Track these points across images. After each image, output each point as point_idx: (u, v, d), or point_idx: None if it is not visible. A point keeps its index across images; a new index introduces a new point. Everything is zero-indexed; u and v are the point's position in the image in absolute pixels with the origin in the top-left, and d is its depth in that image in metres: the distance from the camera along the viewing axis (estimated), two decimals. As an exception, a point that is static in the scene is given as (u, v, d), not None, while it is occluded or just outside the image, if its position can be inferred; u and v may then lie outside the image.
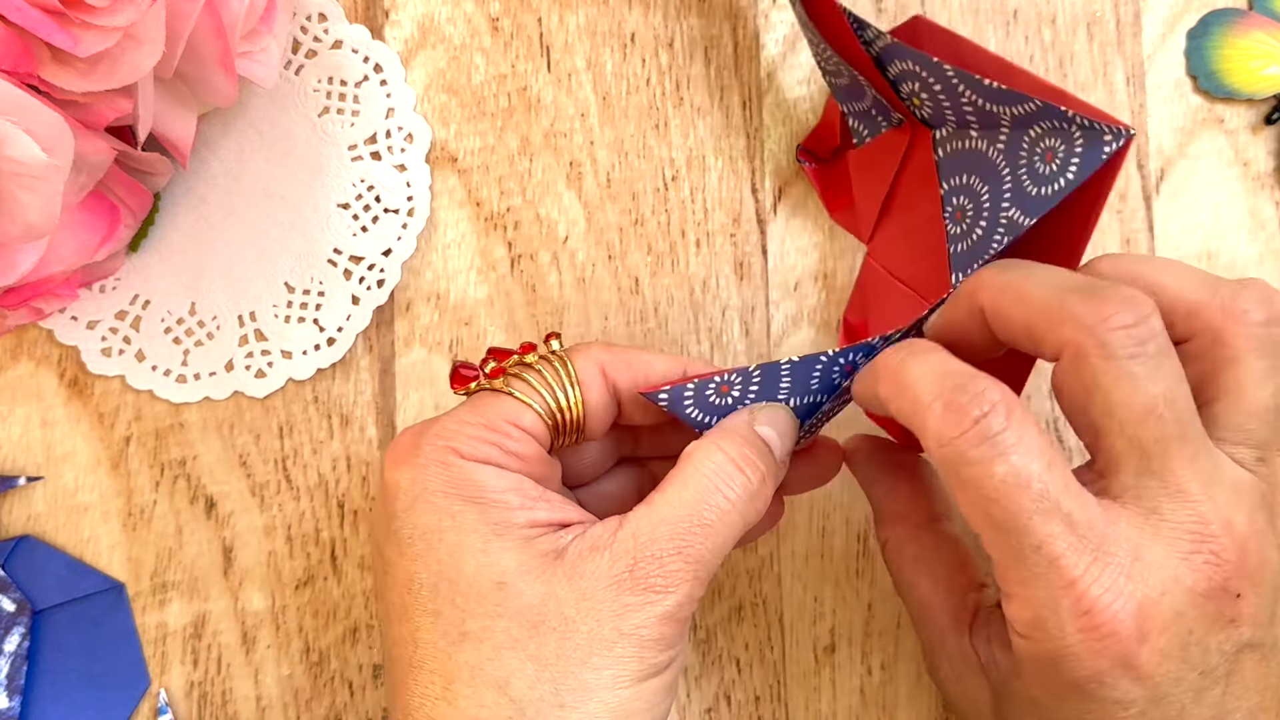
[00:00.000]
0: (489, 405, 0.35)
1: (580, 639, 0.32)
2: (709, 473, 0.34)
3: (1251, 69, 0.48)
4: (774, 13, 0.48)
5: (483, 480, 0.34)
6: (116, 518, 0.46)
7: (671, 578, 0.32)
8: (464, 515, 0.33)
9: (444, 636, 0.33)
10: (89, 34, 0.35)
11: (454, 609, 0.33)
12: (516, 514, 0.34)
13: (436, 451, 0.34)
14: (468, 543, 0.33)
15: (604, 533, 0.33)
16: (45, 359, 0.46)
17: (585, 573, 0.32)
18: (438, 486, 0.34)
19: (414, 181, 0.47)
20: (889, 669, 0.46)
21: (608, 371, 0.37)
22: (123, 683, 0.45)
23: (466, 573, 0.33)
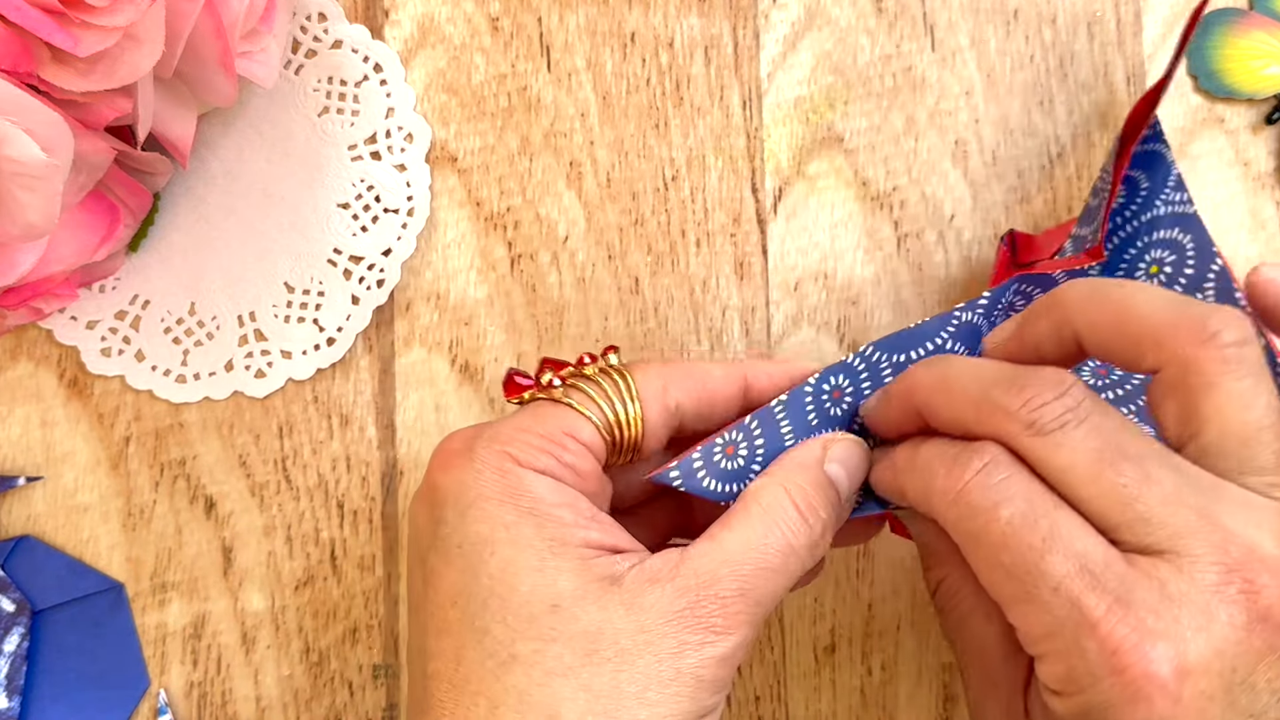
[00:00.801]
0: (547, 414, 0.34)
1: (636, 673, 0.30)
2: (776, 516, 0.33)
3: (1252, 69, 0.48)
4: (774, 12, 0.48)
5: (540, 491, 0.32)
6: (116, 518, 0.45)
7: (732, 619, 0.31)
8: (520, 528, 0.32)
9: (492, 657, 0.31)
10: (89, 34, 0.35)
11: (504, 628, 0.31)
12: (573, 531, 0.32)
13: (492, 456, 0.33)
14: (523, 558, 0.31)
15: (664, 566, 0.32)
16: (45, 359, 0.46)
17: (645, 605, 0.31)
18: (492, 494, 0.32)
19: (414, 181, 0.47)
20: (889, 669, 0.46)
21: (668, 387, 0.35)
22: (122, 683, 0.45)
23: (520, 591, 0.31)
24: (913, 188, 0.48)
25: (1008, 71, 0.48)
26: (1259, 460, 0.30)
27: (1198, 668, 0.28)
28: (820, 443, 0.35)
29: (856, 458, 0.36)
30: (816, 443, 0.35)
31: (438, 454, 0.34)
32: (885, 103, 0.48)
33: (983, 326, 0.39)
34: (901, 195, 0.48)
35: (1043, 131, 0.48)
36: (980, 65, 0.48)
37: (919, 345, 0.37)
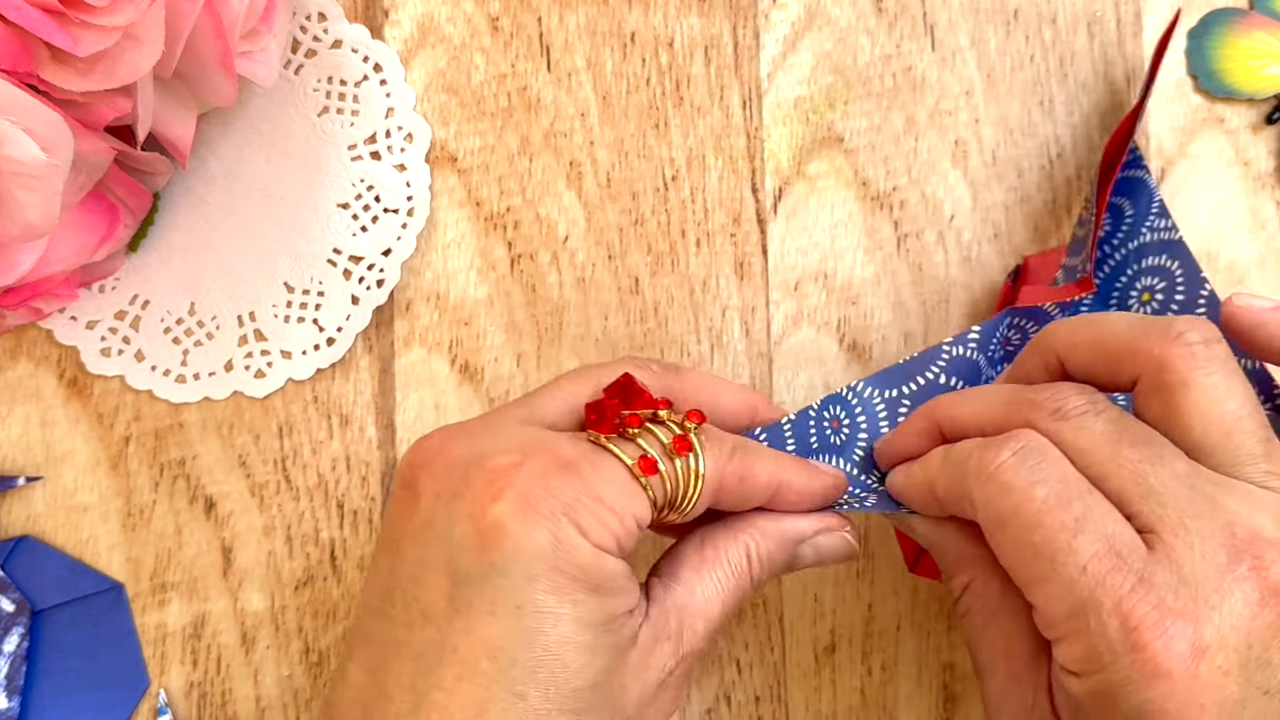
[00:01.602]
0: (622, 494, 0.33)
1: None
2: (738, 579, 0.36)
3: (1252, 69, 0.48)
4: (774, 12, 0.48)
5: (608, 572, 0.32)
6: (116, 518, 0.45)
7: (693, 673, 0.36)
8: (585, 606, 0.32)
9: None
10: (88, 34, 0.35)
11: (543, 699, 0.31)
12: (621, 603, 0.33)
13: (567, 525, 0.32)
14: (581, 638, 0.32)
15: (659, 617, 0.34)
16: (44, 359, 0.46)
17: (649, 666, 0.34)
18: (565, 566, 0.32)
19: (414, 181, 0.47)
20: (889, 669, 0.46)
21: (724, 479, 0.35)
22: (122, 683, 0.45)
23: (570, 667, 0.32)
24: (913, 188, 0.48)
25: (1008, 71, 0.48)
26: (1246, 448, 0.32)
27: (1214, 644, 0.29)
28: (817, 526, 0.37)
29: (836, 553, 0.38)
30: (816, 522, 0.37)
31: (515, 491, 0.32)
32: (885, 103, 0.48)
33: (980, 361, 0.40)
34: (901, 195, 0.48)
35: (1043, 131, 0.48)
36: (980, 65, 0.48)
37: (909, 381, 0.40)
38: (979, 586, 0.36)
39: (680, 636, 0.34)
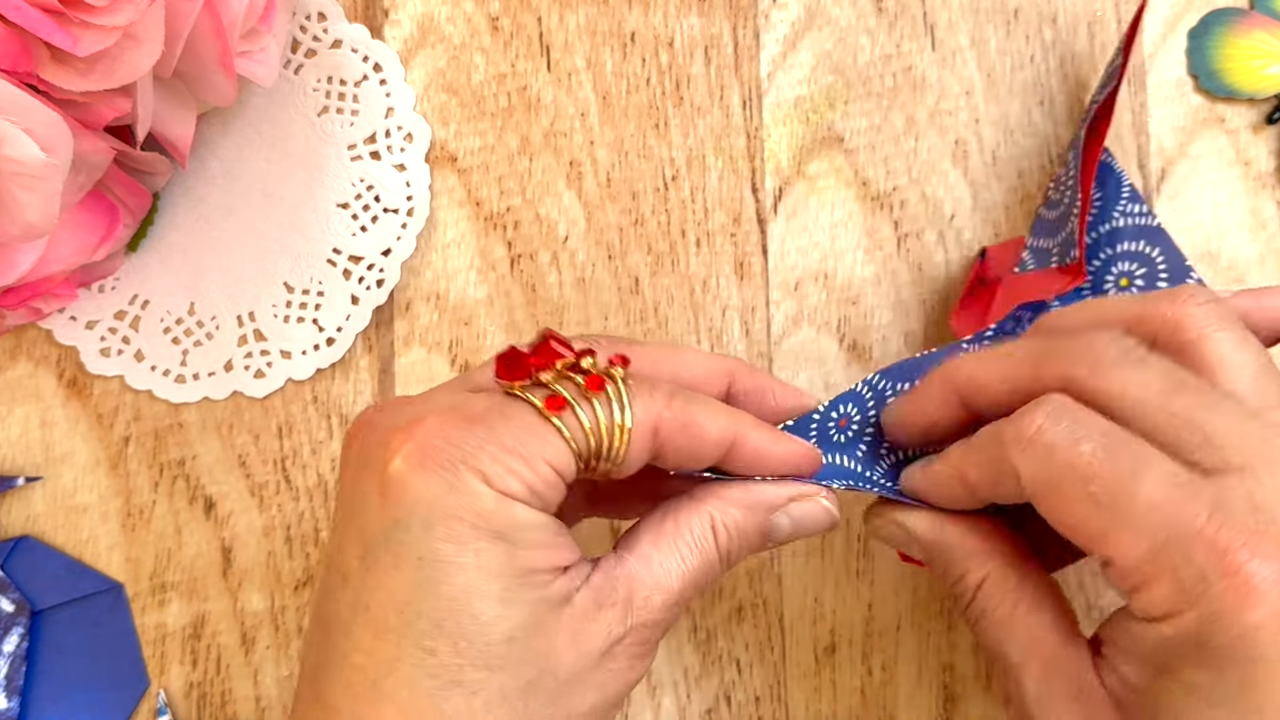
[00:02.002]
0: (530, 437, 0.32)
1: (569, 701, 0.32)
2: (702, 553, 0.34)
3: (1252, 68, 0.48)
4: (774, 12, 0.48)
5: (513, 519, 0.31)
6: (115, 518, 0.45)
7: (648, 647, 0.33)
8: (489, 554, 0.31)
9: (433, 678, 0.30)
10: (88, 33, 0.35)
11: (453, 653, 0.30)
12: (538, 558, 0.31)
13: (468, 473, 0.31)
14: (488, 588, 0.30)
15: (604, 585, 0.33)
16: (44, 359, 0.46)
17: (589, 634, 0.32)
18: (465, 514, 0.31)
19: (413, 181, 0.47)
20: (889, 670, 0.46)
21: (659, 427, 0.33)
22: (122, 683, 0.45)
23: (480, 620, 0.30)
24: (913, 188, 0.48)
25: (1008, 71, 0.48)
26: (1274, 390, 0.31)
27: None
28: (790, 493, 0.36)
29: (814, 522, 0.36)
30: (788, 490, 0.36)
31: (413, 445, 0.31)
32: (885, 102, 0.48)
33: None
34: (902, 195, 0.48)
35: (1043, 131, 0.48)
36: (980, 65, 0.48)
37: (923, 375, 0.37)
38: (995, 581, 0.35)
39: (628, 605, 0.33)
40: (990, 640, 0.34)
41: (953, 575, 0.35)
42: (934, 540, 0.36)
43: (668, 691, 0.46)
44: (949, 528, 0.36)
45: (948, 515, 0.36)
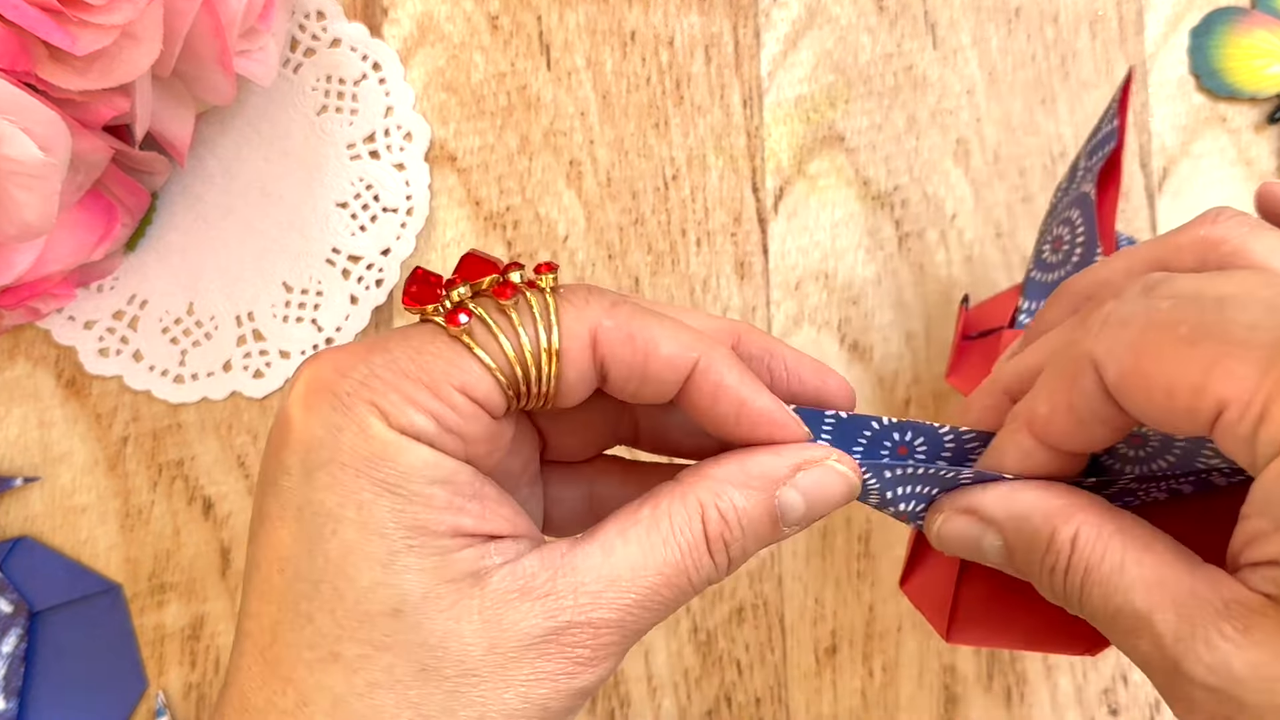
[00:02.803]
0: (438, 356, 0.27)
1: (476, 696, 0.26)
2: (682, 544, 0.28)
3: (1254, 68, 0.48)
4: (775, 11, 0.48)
5: (408, 464, 0.26)
6: (114, 518, 0.45)
7: (601, 651, 0.27)
8: (373, 508, 0.26)
9: (311, 649, 0.26)
10: (86, 32, 0.35)
11: (331, 622, 0.26)
12: (439, 517, 0.27)
13: (359, 408, 0.27)
14: (369, 547, 0.26)
15: (539, 571, 0.27)
16: (42, 359, 0.46)
17: (505, 621, 0.27)
18: (349, 459, 0.26)
19: (413, 180, 0.46)
20: (890, 671, 0.46)
21: (600, 339, 0.29)
22: (120, 684, 0.45)
23: (358, 585, 0.26)
24: (914, 187, 0.48)
25: (1009, 70, 0.48)
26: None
27: None
28: (794, 460, 0.29)
29: (830, 494, 0.30)
30: (790, 456, 0.30)
31: (301, 377, 0.28)
32: (886, 101, 0.48)
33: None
34: (903, 194, 0.48)
35: (1045, 130, 0.48)
36: (982, 64, 0.48)
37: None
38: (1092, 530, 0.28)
39: (566, 599, 0.27)
40: (1101, 601, 0.28)
41: (1040, 545, 0.29)
42: (1008, 514, 0.30)
43: (668, 693, 0.46)
44: (1020, 495, 0.29)
45: (1017, 484, 0.30)
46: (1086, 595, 0.28)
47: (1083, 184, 0.41)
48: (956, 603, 0.35)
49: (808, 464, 0.29)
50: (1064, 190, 0.42)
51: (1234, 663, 0.25)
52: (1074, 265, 0.41)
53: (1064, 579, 0.28)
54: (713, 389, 0.29)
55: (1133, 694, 0.46)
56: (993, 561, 0.30)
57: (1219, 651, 0.25)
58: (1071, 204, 0.41)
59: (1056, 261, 0.42)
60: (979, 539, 0.30)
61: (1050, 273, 0.42)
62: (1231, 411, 0.25)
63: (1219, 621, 0.26)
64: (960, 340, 0.42)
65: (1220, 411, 0.25)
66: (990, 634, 0.35)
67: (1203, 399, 0.25)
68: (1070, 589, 0.28)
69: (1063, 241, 0.42)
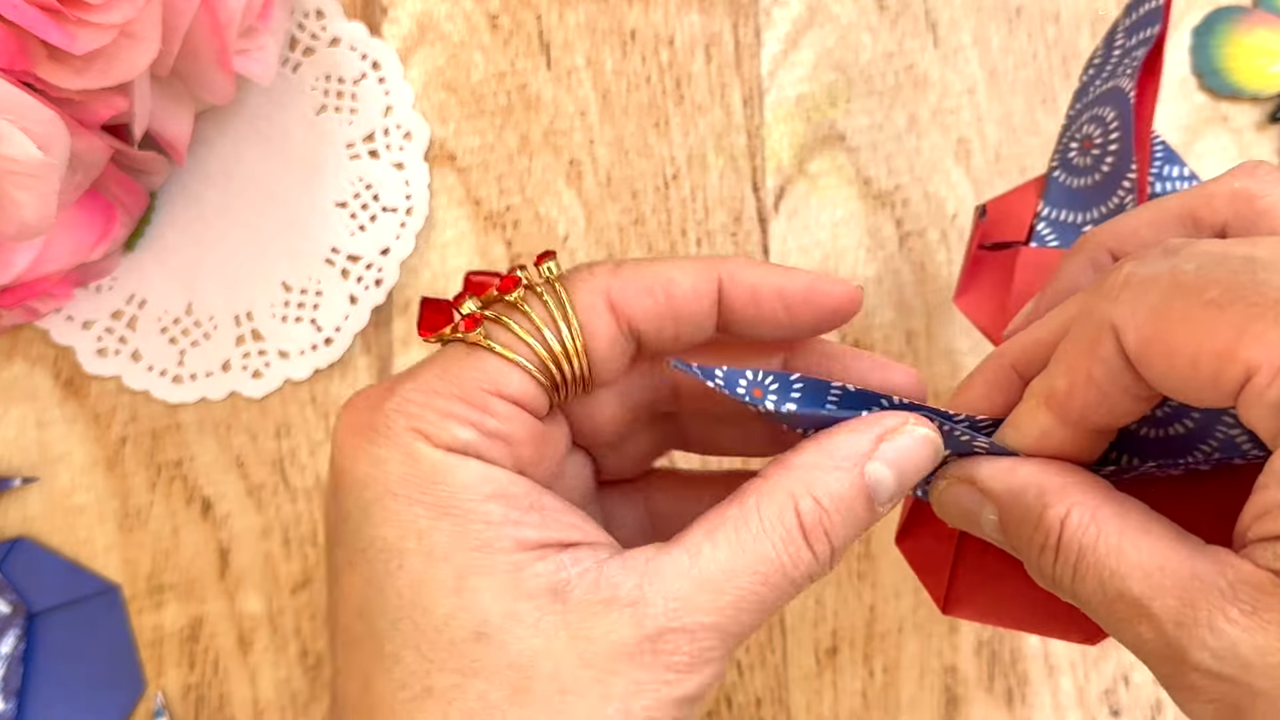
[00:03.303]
0: (464, 366, 0.27)
1: (576, 714, 0.25)
2: (775, 538, 0.27)
3: (1256, 67, 0.48)
4: (775, 9, 0.48)
5: (459, 481, 0.26)
6: (112, 519, 0.45)
7: (702, 655, 0.26)
8: (433, 534, 0.26)
9: (404, 689, 0.26)
10: (85, 31, 0.35)
11: (418, 657, 0.26)
12: (500, 533, 0.26)
13: (398, 436, 0.26)
14: (438, 575, 0.26)
15: (624, 579, 0.26)
16: (41, 359, 0.46)
17: (595, 633, 0.26)
18: (400, 488, 0.26)
19: (412, 180, 0.46)
20: (891, 672, 0.46)
21: (616, 302, 0.28)
22: (118, 686, 0.45)
23: (436, 615, 0.26)
24: (915, 186, 0.48)
25: (1010, 69, 0.48)
26: None
27: None
28: (874, 433, 0.28)
29: (917, 460, 0.28)
30: (869, 430, 0.28)
31: (341, 420, 0.28)
32: (887, 100, 0.48)
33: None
34: (904, 194, 0.47)
35: (1046, 130, 0.48)
36: (983, 63, 0.48)
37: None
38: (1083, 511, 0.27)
39: (649, 605, 0.26)
40: (1097, 586, 0.26)
41: (1030, 523, 0.28)
42: (1005, 487, 0.28)
43: (668, 693, 0.46)
44: (1020, 469, 0.28)
45: (1019, 459, 0.29)
46: (1080, 579, 0.27)
47: (1120, 76, 0.37)
48: (955, 573, 0.34)
49: (888, 433, 0.28)
50: (1098, 69, 0.39)
51: (1242, 647, 0.24)
52: (1104, 175, 0.38)
53: (1053, 560, 0.27)
54: (748, 293, 0.29)
55: (1134, 695, 0.46)
56: (989, 536, 0.29)
57: (1225, 636, 0.24)
58: (1106, 99, 0.38)
59: (1085, 166, 0.38)
60: (977, 511, 0.29)
61: (1078, 177, 0.39)
62: (1261, 377, 0.23)
63: (1224, 604, 0.24)
64: (975, 250, 0.39)
65: (1248, 378, 0.23)
66: (988, 610, 0.34)
67: (1230, 365, 0.24)
68: (1061, 572, 0.27)
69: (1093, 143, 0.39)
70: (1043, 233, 0.39)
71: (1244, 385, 0.24)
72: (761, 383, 0.29)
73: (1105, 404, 0.27)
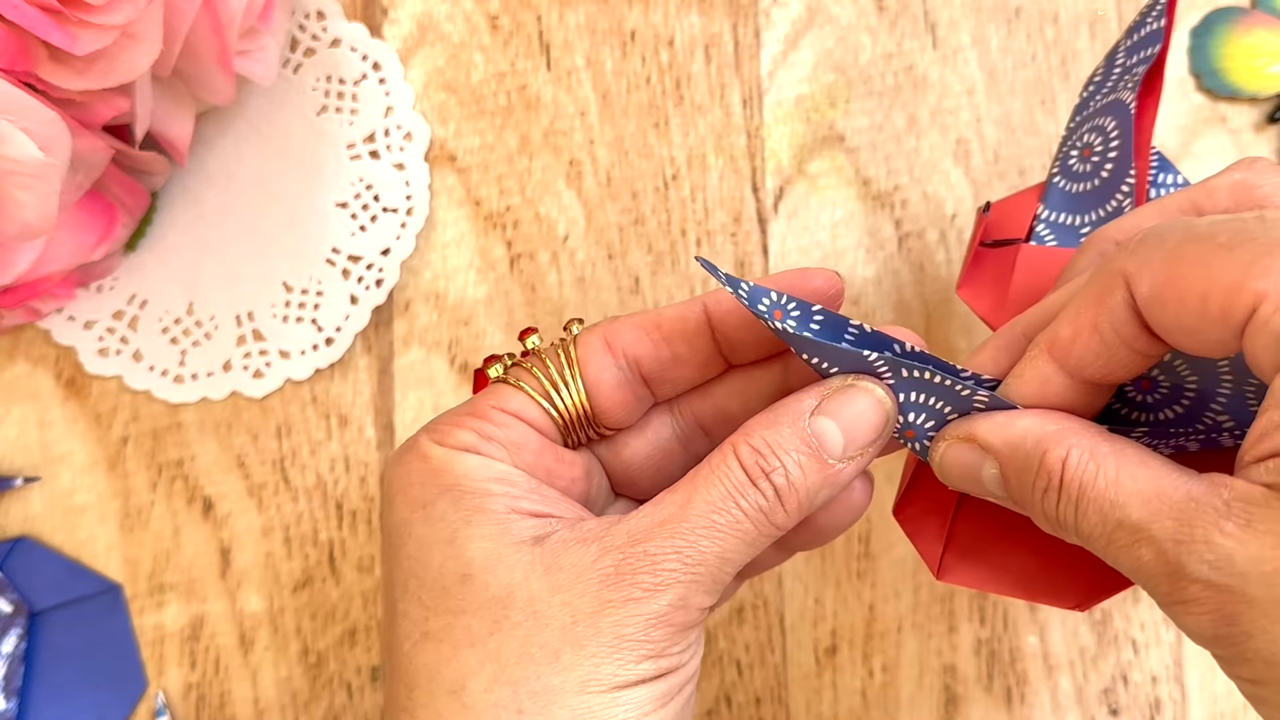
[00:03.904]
0: (482, 396, 0.32)
1: (548, 636, 0.28)
2: (720, 475, 0.29)
3: (1254, 67, 0.48)
4: (775, 10, 0.48)
5: (461, 467, 0.30)
6: (114, 519, 0.45)
7: (664, 576, 0.28)
8: (435, 505, 0.30)
9: (408, 638, 0.29)
10: (86, 32, 0.35)
11: (420, 607, 0.29)
12: (496, 500, 0.30)
13: (419, 444, 0.31)
14: (435, 533, 0.30)
15: (597, 526, 0.29)
16: (42, 359, 0.46)
17: (565, 564, 0.28)
18: (415, 479, 0.31)
19: (413, 180, 0.46)
20: (890, 671, 0.46)
21: (613, 340, 0.32)
22: (120, 685, 0.45)
23: (432, 566, 0.29)
24: (914, 186, 0.48)
25: (1010, 70, 0.48)
26: None
27: None
28: (819, 390, 0.30)
29: (860, 410, 0.30)
30: (815, 389, 0.30)
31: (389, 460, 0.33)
32: (887, 101, 0.48)
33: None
34: (903, 194, 0.48)
35: (1045, 130, 0.48)
36: (982, 64, 0.48)
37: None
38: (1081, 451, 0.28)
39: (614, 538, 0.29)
40: (1099, 518, 0.27)
41: (1031, 469, 0.29)
42: (1003, 440, 0.29)
43: (668, 692, 0.46)
44: (1017, 420, 0.29)
45: (1016, 411, 0.30)
46: (1083, 515, 0.28)
47: (1121, 90, 0.39)
48: (950, 540, 0.34)
49: (835, 391, 0.30)
50: (1098, 85, 0.40)
51: (1237, 557, 0.25)
52: (1103, 180, 0.39)
53: (1056, 500, 0.28)
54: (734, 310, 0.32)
55: (1133, 694, 0.46)
56: (992, 492, 0.30)
57: (1221, 549, 0.25)
58: (1107, 110, 0.39)
59: (1085, 172, 0.40)
60: (978, 467, 0.30)
61: (1077, 183, 0.40)
62: (1267, 305, 0.24)
63: (1220, 520, 0.25)
64: (977, 246, 0.40)
65: (1255, 308, 0.24)
66: (982, 577, 0.34)
67: (1238, 298, 0.25)
68: (1064, 511, 0.28)
69: (1093, 150, 0.40)
70: (1041, 233, 0.40)
71: (1250, 317, 0.25)
72: (783, 305, 0.30)
73: (1105, 354, 0.28)
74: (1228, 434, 0.29)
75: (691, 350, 0.33)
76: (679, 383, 0.34)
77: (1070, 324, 0.28)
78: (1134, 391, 0.31)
